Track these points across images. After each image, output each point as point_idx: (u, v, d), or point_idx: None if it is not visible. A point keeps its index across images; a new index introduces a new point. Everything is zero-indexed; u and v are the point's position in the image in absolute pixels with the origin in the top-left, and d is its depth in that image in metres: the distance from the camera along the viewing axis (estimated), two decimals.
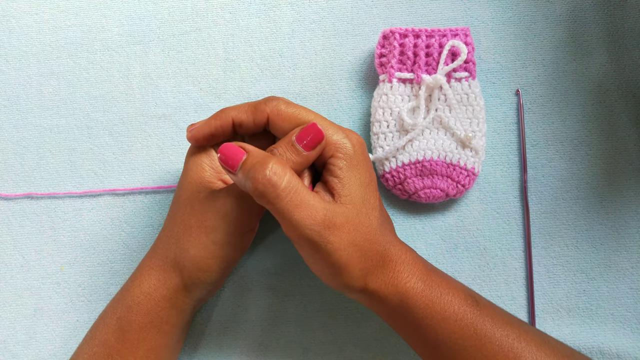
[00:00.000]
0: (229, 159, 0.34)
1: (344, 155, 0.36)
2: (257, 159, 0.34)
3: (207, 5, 0.47)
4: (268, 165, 0.33)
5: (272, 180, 0.33)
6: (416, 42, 0.44)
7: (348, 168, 0.36)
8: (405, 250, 0.37)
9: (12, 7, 0.48)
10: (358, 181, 0.36)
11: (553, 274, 0.45)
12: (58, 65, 0.47)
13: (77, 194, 0.47)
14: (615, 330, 0.44)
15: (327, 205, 0.34)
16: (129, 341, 0.38)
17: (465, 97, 0.44)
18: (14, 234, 0.47)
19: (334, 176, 0.36)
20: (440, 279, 0.37)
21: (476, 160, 0.44)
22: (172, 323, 0.39)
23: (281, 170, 0.33)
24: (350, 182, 0.36)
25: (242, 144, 0.35)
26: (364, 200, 0.36)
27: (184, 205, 0.38)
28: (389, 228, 0.38)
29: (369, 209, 0.36)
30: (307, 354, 0.45)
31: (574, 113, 0.46)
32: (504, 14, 0.46)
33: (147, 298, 0.38)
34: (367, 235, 0.35)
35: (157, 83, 0.47)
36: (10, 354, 0.46)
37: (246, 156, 0.34)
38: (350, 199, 0.35)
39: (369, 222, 0.35)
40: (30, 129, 0.47)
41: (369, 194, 0.36)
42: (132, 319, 0.38)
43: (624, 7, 0.46)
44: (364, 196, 0.36)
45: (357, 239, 0.34)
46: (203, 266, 0.38)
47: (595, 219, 0.45)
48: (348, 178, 0.36)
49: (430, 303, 0.36)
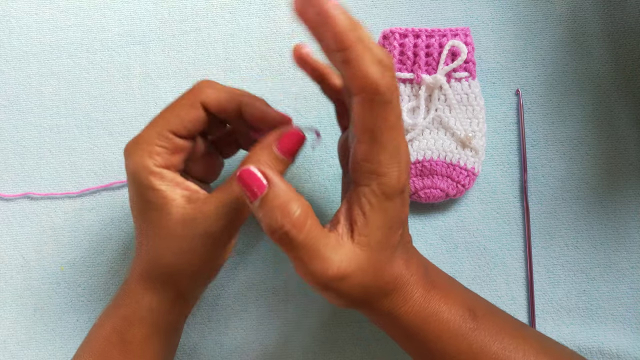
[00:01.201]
0: (247, 188, 0.30)
1: (379, 189, 0.32)
2: (279, 199, 0.30)
3: (207, 5, 0.47)
4: (290, 212, 0.30)
5: (291, 233, 0.30)
6: (416, 42, 0.44)
7: (379, 206, 0.32)
8: (409, 273, 0.35)
9: (12, 7, 0.48)
10: (385, 224, 0.32)
11: (553, 274, 0.45)
12: (58, 65, 0.48)
13: (76, 194, 0.47)
14: (615, 330, 0.44)
15: (341, 256, 0.31)
16: (132, 352, 0.38)
17: (465, 97, 0.44)
18: (14, 234, 0.47)
19: (360, 210, 0.32)
20: (439, 296, 0.35)
21: (476, 160, 0.44)
22: (175, 328, 0.39)
23: (302, 219, 0.30)
24: (375, 223, 0.32)
25: (265, 170, 0.31)
26: (383, 245, 0.33)
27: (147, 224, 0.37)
28: (402, 251, 0.35)
29: (386, 251, 0.33)
30: (307, 354, 0.45)
31: (574, 113, 0.46)
32: (504, 14, 0.46)
33: (150, 313, 0.37)
34: (376, 275, 0.33)
35: (157, 83, 0.47)
36: (10, 354, 0.46)
37: (267, 191, 0.30)
38: (368, 241, 0.32)
39: (380, 266, 0.33)
40: (30, 129, 0.47)
41: (391, 235, 0.33)
42: (135, 332, 0.37)
43: (624, 7, 0.46)
44: (385, 240, 0.33)
45: (365, 281, 0.33)
46: (203, 279, 0.38)
47: (595, 219, 0.45)
48: (374, 219, 0.32)
49: (425, 323, 0.35)
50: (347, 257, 0.32)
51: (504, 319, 0.37)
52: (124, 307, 0.38)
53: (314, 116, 0.46)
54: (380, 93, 0.29)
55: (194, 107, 0.37)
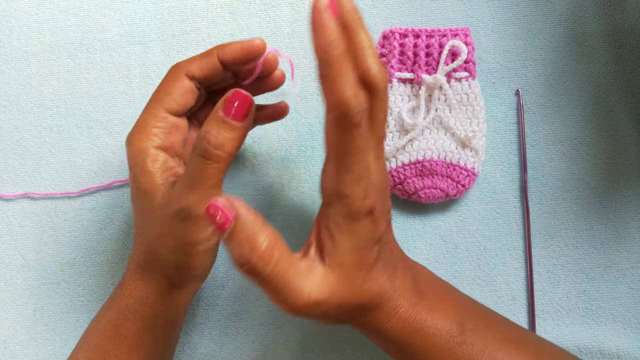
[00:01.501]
0: (215, 223, 0.29)
1: (344, 211, 0.31)
2: (246, 232, 0.29)
3: (207, 5, 0.47)
4: (257, 245, 0.29)
5: (258, 267, 0.29)
6: (416, 42, 0.44)
7: (346, 228, 0.31)
8: (393, 288, 0.34)
9: (12, 7, 0.48)
10: (355, 245, 0.32)
11: (553, 274, 0.45)
12: (58, 65, 0.47)
13: (76, 194, 0.47)
14: (615, 330, 0.44)
15: (312, 282, 0.31)
16: (126, 346, 0.38)
17: (465, 97, 0.44)
18: (14, 234, 0.47)
19: (328, 232, 0.32)
20: (426, 310, 0.35)
21: (476, 160, 0.44)
22: (170, 320, 0.39)
23: (269, 251, 0.30)
24: (344, 245, 0.31)
25: (231, 203, 0.30)
26: (356, 266, 0.32)
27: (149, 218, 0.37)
28: (383, 266, 0.34)
29: (361, 271, 0.32)
30: (307, 354, 0.45)
31: (574, 113, 0.46)
32: (504, 14, 0.46)
33: (141, 305, 0.38)
34: (353, 296, 0.33)
35: (157, 83, 0.47)
36: (10, 354, 0.46)
37: (234, 224, 0.29)
38: (339, 263, 0.31)
39: (357, 286, 0.32)
40: (30, 129, 0.47)
41: (364, 256, 0.32)
42: (128, 325, 0.38)
43: (624, 7, 0.46)
44: (358, 261, 0.32)
45: (342, 302, 0.32)
46: (187, 268, 0.37)
47: (595, 219, 0.45)
48: (343, 241, 0.31)
49: (412, 337, 0.35)
50: (318, 284, 0.31)
51: (496, 330, 0.37)
52: (119, 299, 0.38)
53: (314, 116, 0.46)
54: (349, 116, 0.29)
55: (179, 81, 0.37)
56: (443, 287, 0.38)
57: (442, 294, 0.37)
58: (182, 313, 0.40)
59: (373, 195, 0.31)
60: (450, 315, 0.36)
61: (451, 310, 0.36)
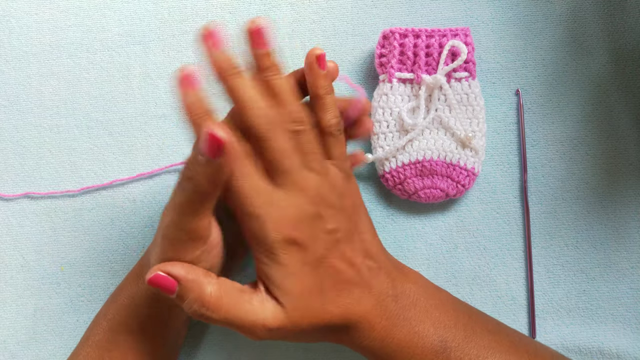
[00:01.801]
0: (162, 290, 0.32)
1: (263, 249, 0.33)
2: (192, 292, 0.32)
3: (207, 5, 0.47)
4: (205, 299, 0.32)
5: (211, 316, 0.32)
6: (416, 42, 0.44)
7: (272, 262, 0.33)
8: (363, 310, 0.35)
9: (12, 7, 0.48)
10: (290, 274, 0.33)
11: (553, 274, 0.45)
12: (58, 65, 0.47)
13: (76, 192, 0.46)
14: (615, 330, 0.44)
15: (266, 313, 0.33)
16: (119, 342, 0.38)
17: (465, 97, 0.44)
18: (14, 234, 0.47)
19: (262, 270, 0.34)
20: (406, 330, 0.35)
21: (476, 160, 0.44)
22: (161, 321, 0.39)
23: (216, 300, 0.32)
24: (278, 277, 0.33)
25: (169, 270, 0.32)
26: (304, 291, 0.33)
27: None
28: (350, 292, 0.35)
29: (313, 295, 0.34)
30: (307, 354, 0.45)
31: (574, 113, 0.46)
32: (504, 14, 0.46)
33: (132, 301, 0.38)
34: (313, 319, 0.34)
35: (157, 83, 0.47)
36: (10, 354, 0.46)
37: (178, 289, 0.32)
38: (284, 292, 0.33)
39: (313, 308, 0.34)
40: (30, 129, 0.47)
41: (307, 280, 0.34)
42: (121, 320, 0.38)
43: (624, 7, 0.46)
44: (301, 286, 0.33)
45: (303, 326, 0.34)
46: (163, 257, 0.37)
47: (595, 219, 0.45)
48: (275, 275, 0.33)
49: (393, 356, 0.35)
50: (271, 313, 0.33)
51: (487, 340, 0.37)
52: (115, 293, 0.40)
53: None
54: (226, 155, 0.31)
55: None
56: (433, 299, 0.37)
57: (429, 308, 0.37)
58: (180, 321, 0.40)
59: (288, 226, 0.33)
60: (434, 332, 0.36)
61: (437, 327, 0.36)
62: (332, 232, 0.35)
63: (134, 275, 0.40)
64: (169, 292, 0.32)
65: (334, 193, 0.35)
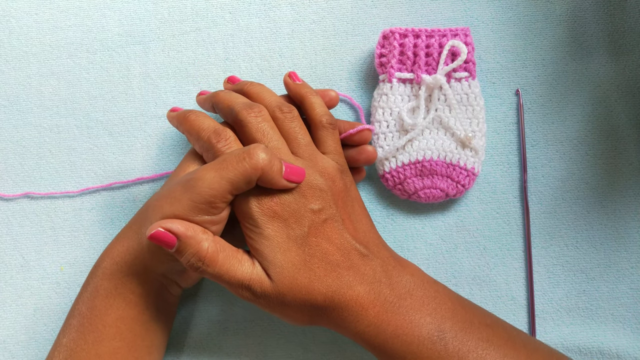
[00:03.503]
0: (162, 244, 0.34)
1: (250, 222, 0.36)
2: (190, 247, 0.34)
3: (207, 5, 0.47)
4: (202, 255, 0.35)
5: (207, 270, 0.35)
6: (416, 42, 0.44)
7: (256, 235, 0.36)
8: (355, 294, 0.36)
9: (12, 7, 0.48)
10: (275, 247, 0.36)
11: (553, 274, 0.45)
12: (58, 65, 0.48)
13: (75, 193, 0.47)
14: (615, 330, 0.44)
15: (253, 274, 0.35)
16: (97, 308, 0.38)
17: (465, 97, 0.44)
18: (14, 234, 0.47)
19: (250, 242, 0.36)
20: (402, 317, 0.36)
21: (476, 160, 0.44)
22: (138, 294, 0.39)
23: (214, 255, 0.35)
24: (263, 249, 0.36)
25: (168, 226, 0.34)
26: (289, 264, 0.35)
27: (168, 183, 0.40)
28: (326, 268, 0.36)
29: (300, 270, 0.35)
30: (307, 354, 0.45)
31: (574, 113, 0.46)
32: (504, 14, 0.46)
33: (111, 263, 0.39)
34: (298, 291, 0.35)
35: (157, 83, 0.47)
36: (10, 354, 0.46)
37: (178, 243, 0.34)
38: (269, 263, 0.35)
39: (297, 282, 0.35)
40: (30, 129, 0.47)
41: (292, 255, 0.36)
42: (99, 284, 0.39)
43: (624, 7, 0.46)
44: (286, 260, 0.35)
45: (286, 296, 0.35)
46: None
47: (595, 219, 0.45)
48: (261, 246, 0.36)
49: (387, 343, 0.35)
50: (258, 278, 0.35)
51: (484, 333, 0.37)
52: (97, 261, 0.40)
53: None
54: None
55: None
56: (430, 290, 0.38)
57: (426, 299, 0.37)
58: (158, 297, 0.40)
59: (270, 201, 0.36)
60: (431, 321, 0.36)
61: (434, 317, 0.36)
62: (318, 212, 0.36)
63: (115, 240, 0.40)
64: (169, 247, 0.34)
65: (322, 177, 0.37)
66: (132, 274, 0.38)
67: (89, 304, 0.38)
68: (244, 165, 0.34)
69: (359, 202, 0.40)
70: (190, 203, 0.35)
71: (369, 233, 0.39)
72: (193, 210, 0.35)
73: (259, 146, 0.35)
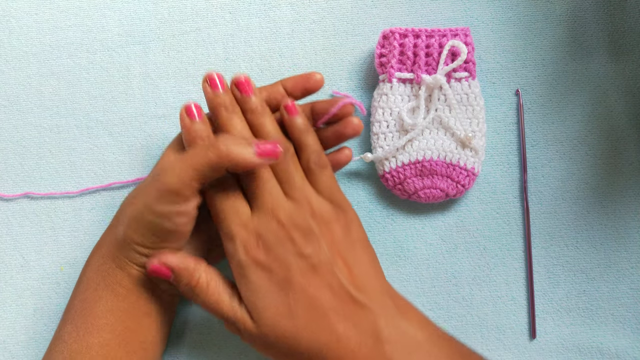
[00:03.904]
0: (160, 277, 0.37)
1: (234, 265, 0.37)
2: (184, 279, 0.37)
3: (207, 5, 0.47)
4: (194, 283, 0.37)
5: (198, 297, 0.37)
6: (416, 42, 0.44)
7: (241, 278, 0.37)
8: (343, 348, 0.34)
9: (12, 7, 0.48)
10: (258, 292, 0.36)
11: (553, 274, 0.45)
12: (58, 65, 0.48)
13: (75, 193, 0.47)
14: (615, 330, 0.44)
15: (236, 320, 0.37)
16: (87, 300, 0.39)
17: (465, 97, 0.44)
18: (14, 234, 0.47)
19: (237, 282, 0.37)
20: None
21: (476, 160, 0.44)
22: (126, 286, 0.39)
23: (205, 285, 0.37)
24: (246, 293, 0.36)
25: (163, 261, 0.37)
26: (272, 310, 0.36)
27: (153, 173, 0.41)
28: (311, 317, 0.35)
29: (283, 317, 0.35)
30: None
31: (574, 113, 0.46)
32: (504, 14, 0.46)
33: (99, 256, 0.40)
34: (281, 337, 0.35)
35: (157, 83, 0.47)
36: (10, 354, 0.46)
37: (173, 276, 0.37)
38: (252, 306, 0.36)
39: (281, 328, 0.35)
40: (30, 129, 0.47)
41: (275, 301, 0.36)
42: (90, 277, 0.39)
43: (624, 7, 0.46)
44: (270, 305, 0.36)
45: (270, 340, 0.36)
46: (132, 225, 0.38)
47: (595, 219, 0.45)
48: (244, 290, 0.36)
49: None
50: (242, 318, 0.36)
51: None
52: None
53: None
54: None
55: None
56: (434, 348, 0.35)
57: (428, 357, 0.35)
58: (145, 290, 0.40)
59: (255, 247, 0.36)
60: None
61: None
62: (307, 257, 0.36)
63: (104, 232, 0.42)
64: (167, 278, 0.37)
65: (313, 220, 0.37)
66: (115, 267, 0.39)
67: (80, 297, 0.39)
68: (207, 153, 0.35)
69: (362, 242, 0.38)
70: (156, 192, 0.36)
71: (368, 277, 0.37)
72: (159, 200, 0.36)
73: (225, 135, 0.36)
